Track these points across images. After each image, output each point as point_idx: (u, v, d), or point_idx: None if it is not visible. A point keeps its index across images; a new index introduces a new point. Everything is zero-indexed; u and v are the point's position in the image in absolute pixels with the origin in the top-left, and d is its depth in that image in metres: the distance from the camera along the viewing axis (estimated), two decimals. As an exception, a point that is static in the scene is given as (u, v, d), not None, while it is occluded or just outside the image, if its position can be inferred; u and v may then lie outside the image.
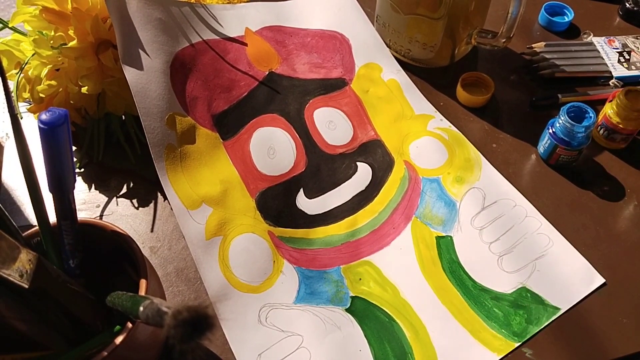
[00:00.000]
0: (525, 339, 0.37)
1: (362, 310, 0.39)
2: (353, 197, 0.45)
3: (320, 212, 0.44)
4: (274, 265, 0.41)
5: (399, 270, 0.41)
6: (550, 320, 0.38)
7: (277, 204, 0.44)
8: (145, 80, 0.43)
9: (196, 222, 0.41)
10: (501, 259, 0.41)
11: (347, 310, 0.39)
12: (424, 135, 0.49)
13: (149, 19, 0.45)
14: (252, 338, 0.37)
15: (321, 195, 0.45)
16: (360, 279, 0.41)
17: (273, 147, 0.47)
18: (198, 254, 0.40)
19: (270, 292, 0.39)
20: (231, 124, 0.47)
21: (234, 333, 0.37)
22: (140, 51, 0.44)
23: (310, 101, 0.50)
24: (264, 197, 0.44)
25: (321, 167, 0.46)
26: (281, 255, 0.41)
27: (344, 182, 0.46)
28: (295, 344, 0.37)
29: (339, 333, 0.38)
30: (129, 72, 0.42)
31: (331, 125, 0.49)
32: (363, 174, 0.47)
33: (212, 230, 0.41)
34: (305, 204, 0.45)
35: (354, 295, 0.40)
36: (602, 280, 0.40)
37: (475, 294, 0.40)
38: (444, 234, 0.43)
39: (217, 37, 0.50)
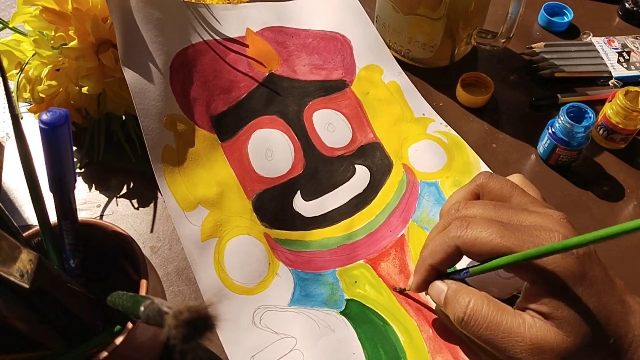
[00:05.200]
0: None
1: (357, 313, 0.39)
2: (350, 199, 0.45)
3: (317, 214, 0.44)
4: (269, 267, 0.41)
5: (395, 274, 0.41)
6: None
7: (273, 206, 0.44)
8: (145, 81, 0.43)
9: (192, 224, 0.41)
10: None
11: (341, 312, 0.39)
12: (423, 139, 0.49)
13: (149, 19, 0.45)
14: (245, 340, 0.37)
15: (318, 197, 0.45)
16: (355, 281, 0.41)
17: (271, 148, 0.47)
18: (193, 255, 0.40)
19: (265, 294, 0.39)
20: (229, 125, 0.47)
21: (228, 334, 0.37)
22: (140, 52, 0.44)
23: (310, 103, 0.50)
24: (261, 199, 0.44)
25: (319, 169, 0.46)
26: (277, 257, 0.41)
27: (342, 184, 0.46)
28: (288, 346, 0.37)
29: (333, 336, 0.38)
30: (129, 73, 0.42)
31: (330, 127, 0.49)
32: (361, 176, 0.46)
33: (208, 232, 0.41)
34: (302, 206, 0.44)
35: (349, 298, 0.40)
36: None
37: None
38: None
39: (218, 38, 0.50)
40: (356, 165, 0.47)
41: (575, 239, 0.26)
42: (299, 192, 0.45)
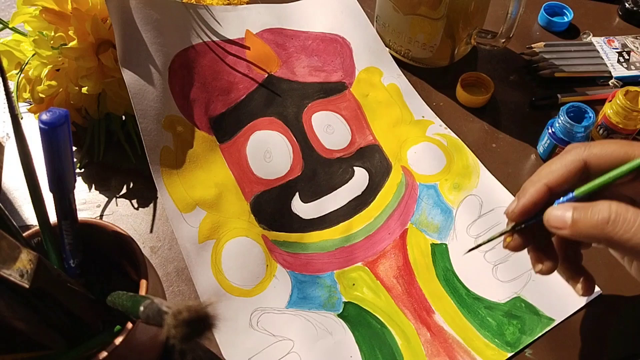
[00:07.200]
0: (519, 349, 0.37)
1: (355, 316, 0.39)
2: (349, 202, 0.45)
3: (315, 216, 0.44)
4: (267, 269, 0.41)
5: (393, 276, 0.41)
6: (544, 331, 0.38)
7: (271, 208, 0.44)
8: (143, 82, 0.43)
9: (189, 225, 0.41)
10: (496, 268, 0.41)
11: (339, 315, 0.39)
12: (422, 141, 0.49)
13: (148, 20, 0.45)
14: (242, 342, 0.37)
15: (317, 199, 0.45)
16: (353, 284, 0.40)
17: (270, 150, 0.47)
18: (191, 257, 0.40)
19: (263, 296, 0.39)
20: (228, 127, 0.47)
21: (225, 336, 0.37)
22: (139, 53, 0.44)
23: (309, 105, 0.50)
24: (259, 201, 0.44)
25: (318, 171, 0.46)
26: (274, 259, 0.41)
27: (341, 186, 0.46)
28: (286, 348, 0.37)
29: (331, 338, 0.38)
30: (127, 74, 0.42)
31: (329, 129, 0.49)
32: (360, 178, 0.46)
33: (206, 234, 0.41)
34: (301, 208, 0.44)
35: (346, 300, 0.40)
36: (598, 292, 0.40)
37: (468, 303, 0.39)
38: (439, 242, 0.43)
39: (217, 39, 0.50)
40: (355, 168, 0.47)
41: None
42: (297, 194, 0.45)
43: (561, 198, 0.31)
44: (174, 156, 0.44)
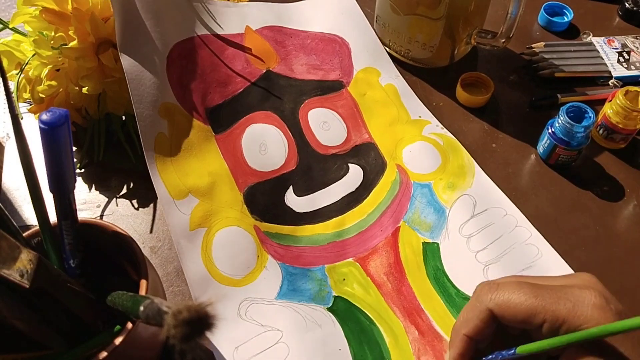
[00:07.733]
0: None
1: (344, 311, 0.39)
2: (342, 197, 0.45)
3: (309, 210, 0.44)
4: (258, 260, 0.41)
5: (384, 273, 0.41)
6: None
7: (265, 200, 0.44)
8: (141, 68, 0.43)
9: (181, 212, 0.41)
10: (487, 268, 0.41)
11: (328, 309, 0.39)
12: (418, 140, 0.49)
13: (149, 9, 0.45)
14: (229, 331, 0.37)
15: (310, 194, 0.45)
16: (344, 279, 0.41)
17: (265, 143, 0.47)
18: (181, 244, 0.40)
19: (252, 286, 0.39)
20: (224, 118, 0.47)
21: None
22: (138, 38, 0.44)
23: (306, 101, 0.50)
24: (252, 192, 0.44)
25: (312, 166, 0.47)
26: (266, 250, 0.41)
27: (335, 182, 0.46)
28: (274, 338, 0.37)
29: (320, 331, 0.38)
30: (125, 59, 0.43)
31: (325, 125, 0.49)
32: (354, 175, 0.47)
33: (197, 221, 0.41)
34: (294, 201, 0.45)
35: (336, 295, 0.40)
36: None
37: (458, 303, 0.39)
38: (430, 241, 0.42)
39: (217, 33, 0.50)
40: (350, 164, 0.47)
41: None
42: (291, 187, 0.45)
43: (504, 352, 0.31)
44: (168, 143, 0.44)
